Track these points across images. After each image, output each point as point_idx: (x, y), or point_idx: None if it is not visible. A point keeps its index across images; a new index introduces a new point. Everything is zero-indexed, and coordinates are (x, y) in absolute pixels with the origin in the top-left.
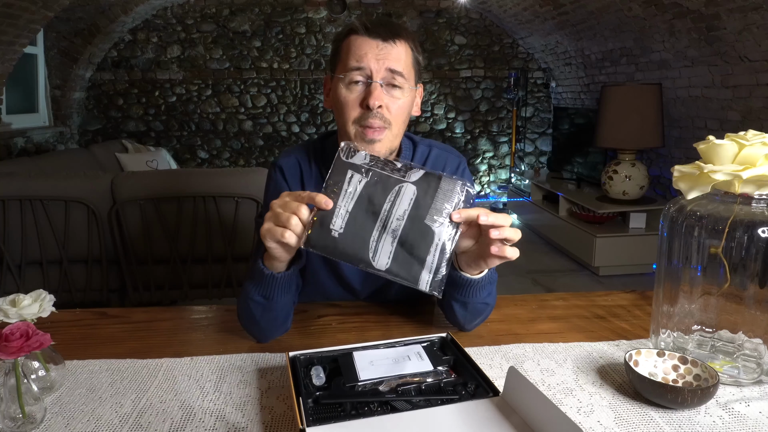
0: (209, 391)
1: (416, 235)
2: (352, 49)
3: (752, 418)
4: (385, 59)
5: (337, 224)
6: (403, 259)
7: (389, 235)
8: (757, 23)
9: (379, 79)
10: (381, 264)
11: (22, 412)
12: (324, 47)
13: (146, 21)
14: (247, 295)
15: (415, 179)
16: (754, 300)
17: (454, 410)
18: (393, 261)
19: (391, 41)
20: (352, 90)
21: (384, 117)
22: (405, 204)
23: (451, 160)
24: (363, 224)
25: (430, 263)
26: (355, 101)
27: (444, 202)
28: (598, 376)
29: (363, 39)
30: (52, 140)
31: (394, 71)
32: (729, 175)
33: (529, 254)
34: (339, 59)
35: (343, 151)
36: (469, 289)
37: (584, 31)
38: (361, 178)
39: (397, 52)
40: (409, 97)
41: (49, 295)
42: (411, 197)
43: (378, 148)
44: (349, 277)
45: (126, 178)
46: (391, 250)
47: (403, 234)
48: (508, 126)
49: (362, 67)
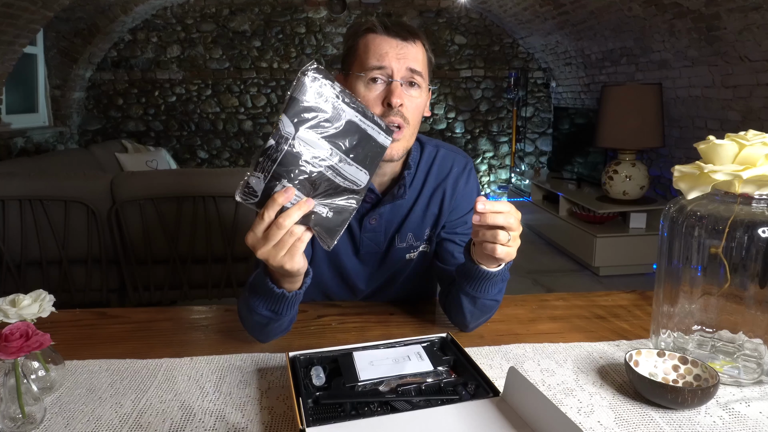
0: (209, 391)
1: (349, 138)
2: (372, 48)
3: (752, 419)
4: (405, 58)
5: (324, 211)
6: (363, 157)
7: (345, 162)
8: (757, 23)
9: (400, 78)
10: (363, 181)
11: (22, 412)
12: (324, 47)
13: (146, 21)
14: (252, 309)
15: (289, 128)
16: (754, 300)
17: (454, 410)
18: (362, 169)
19: (410, 41)
20: (371, 88)
21: (404, 115)
22: (320, 142)
23: (459, 160)
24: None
25: (373, 130)
26: (376, 100)
27: (325, 99)
28: (599, 376)
29: (382, 38)
30: (52, 140)
31: (414, 71)
32: (729, 175)
33: (529, 254)
34: (356, 57)
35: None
36: (482, 282)
37: (584, 30)
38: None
39: (415, 51)
40: (424, 97)
41: (49, 295)
42: (313, 133)
43: (397, 147)
44: (352, 276)
45: (126, 178)
46: (356, 165)
47: (346, 150)
48: (508, 126)
49: (383, 66)
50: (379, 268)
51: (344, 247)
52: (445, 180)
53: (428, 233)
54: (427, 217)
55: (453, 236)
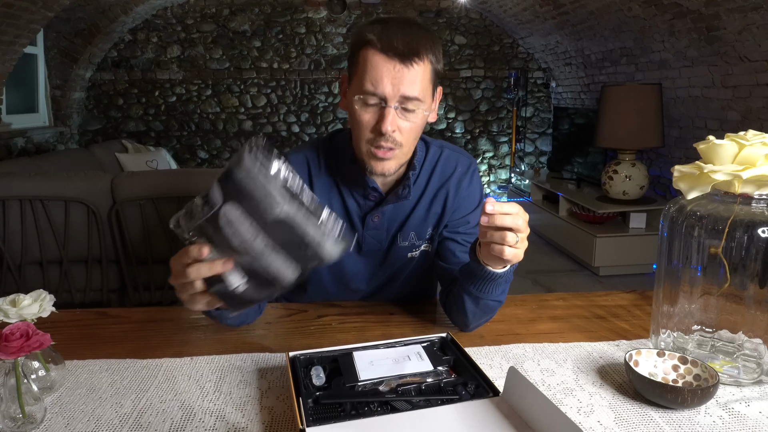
0: (209, 391)
1: (280, 233)
2: (368, 69)
3: (752, 418)
4: (401, 84)
5: (237, 282)
6: (296, 256)
7: (271, 253)
8: (757, 23)
9: (394, 104)
10: (289, 277)
11: (22, 412)
12: (324, 47)
13: (146, 21)
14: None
15: (217, 197)
16: (754, 300)
17: (454, 410)
18: (292, 265)
19: (408, 63)
20: (366, 110)
21: (396, 140)
22: (244, 225)
23: (462, 161)
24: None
25: (316, 236)
26: (368, 123)
27: (255, 183)
28: (598, 376)
29: (380, 58)
30: (52, 140)
31: (409, 98)
32: (729, 175)
33: (529, 254)
34: (355, 71)
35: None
36: (487, 283)
37: (584, 31)
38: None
39: (413, 74)
40: (421, 117)
41: (49, 295)
42: (238, 214)
43: (388, 165)
44: (353, 274)
45: (126, 178)
46: (283, 259)
47: (275, 243)
48: (508, 126)
49: (377, 93)
50: (381, 267)
51: None
52: (448, 180)
53: (431, 233)
54: (430, 217)
55: (455, 235)
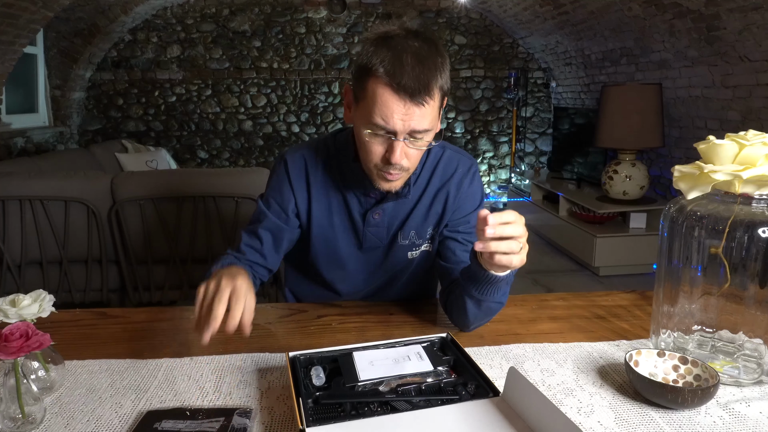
0: (209, 391)
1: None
2: (378, 104)
3: (752, 419)
4: (411, 119)
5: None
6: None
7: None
8: (757, 23)
9: (403, 138)
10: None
11: (21, 412)
12: (324, 47)
13: (146, 21)
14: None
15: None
16: (754, 300)
17: (454, 410)
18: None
19: (419, 101)
20: (375, 140)
21: (403, 167)
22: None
23: (464, 162)
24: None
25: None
26: (377, 152)
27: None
28: (599, 376)
29: (390, 95)
30: (52, 140)
31: (418, 132)
32: (729, 175)
33: (529, 254)
34: (363, 98)
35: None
36: (489, 286)
37: (584, 31)
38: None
39: (423, 112)
40: (428, 140)
41: (49, 295)
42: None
43: (396, 185)
44: (353, 272)
45: (126, 178)
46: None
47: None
48: (508, 126)
49: (386, 127)
50: (381, 266)
51: (347, 242)
52: (449, 180)
53: (431, 232)
54: (431, 216)
55: (455, 234)
